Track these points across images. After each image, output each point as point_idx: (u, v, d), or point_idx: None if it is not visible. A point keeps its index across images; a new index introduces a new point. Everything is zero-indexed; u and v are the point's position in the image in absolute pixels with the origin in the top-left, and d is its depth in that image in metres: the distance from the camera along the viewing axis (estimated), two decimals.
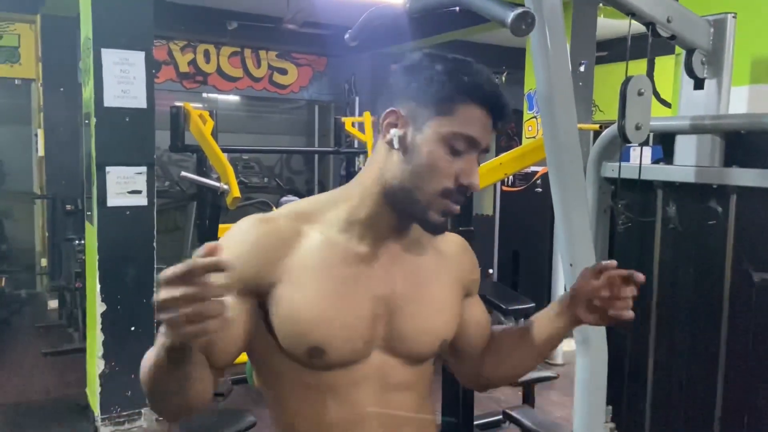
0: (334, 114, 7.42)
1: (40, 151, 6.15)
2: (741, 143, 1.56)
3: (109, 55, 3.23)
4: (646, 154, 1.66)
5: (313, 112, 8.37)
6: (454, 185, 0.96)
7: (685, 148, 1.67)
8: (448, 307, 1.10)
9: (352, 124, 5.03)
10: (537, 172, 4.82)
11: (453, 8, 1.40)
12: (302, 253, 0.98)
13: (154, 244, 3.45)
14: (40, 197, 6.37)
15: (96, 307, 3.34)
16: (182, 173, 4.10)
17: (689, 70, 1.63)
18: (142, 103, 3.32)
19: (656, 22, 1.49)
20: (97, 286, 3.32)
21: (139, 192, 3.36)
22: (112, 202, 3.30)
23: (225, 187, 3.73)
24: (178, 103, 3.98)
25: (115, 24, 3.26)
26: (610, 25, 4.98)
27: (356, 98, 7.75)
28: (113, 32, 3.26)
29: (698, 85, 1.66)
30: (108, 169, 3.28)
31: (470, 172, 0.96)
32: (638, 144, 1.54)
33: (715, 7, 1.64)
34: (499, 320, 3.49)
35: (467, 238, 1.04)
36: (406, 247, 1.06)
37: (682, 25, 1.54)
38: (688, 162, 1.65)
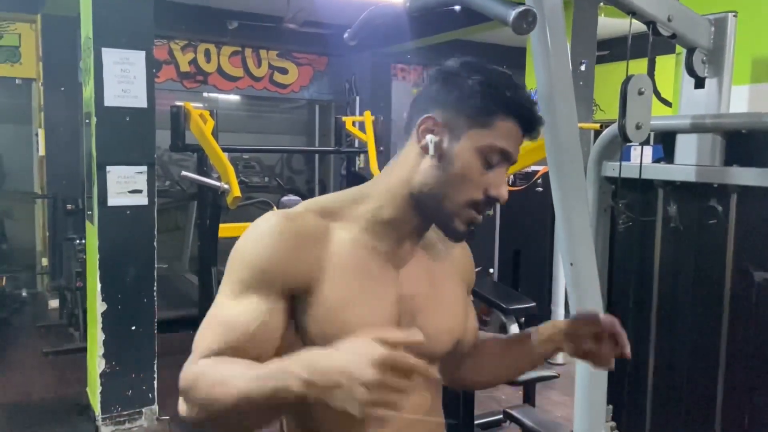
0: (335, 113, 7.41)
1: (41, 151, 6.15)
2: (742, 142, 1.56)
3: (109, 55, 3.23)
4: (647, 154, 1.67)
5: (314, 111, 8.38)
6: (483, 196, 0.97)
7: (686, 147, 1.67)
8: (461, 307, 1.12)
9: (353, 124, 5.01)
10: (537, 172, 4.80)
11: (453, 7, 1.40)
12: (334, 252, 0.97)
13: (155, 244, 3.46)
14: (40, 197, 6.36)
15: (96, 307, 3.35)
16: (183, 173, 4.11)
17: (690, 69, 1.63)
18: (142, 103, 3.32)
19: (657, 21, 1.49)
20: (98, 286, 3.32)
21: (140, 191, 3.36)
22: (113, 201, 3.30)
23: (225, 186, 3.74)
24: (179, 103, 3.99)
25: (116, 23, 3.26)
26: (610, 24, 4.97)
27: (357, 97, 7.75)
28: (114, 32, 3.26)
29: (699, 84, 1.66)
30: (108, 168, 3.28)
31: (499, 184, 0.98)
32: (639, 143, 1.53)
33: (716, 6, 1.64)
34: (500, 320, 3.49)
35: (467, 237, 1.04)
36: (423, 248, 1.07)
37: (682, 24, 1.54)
38: (689, 161, 1.65)
